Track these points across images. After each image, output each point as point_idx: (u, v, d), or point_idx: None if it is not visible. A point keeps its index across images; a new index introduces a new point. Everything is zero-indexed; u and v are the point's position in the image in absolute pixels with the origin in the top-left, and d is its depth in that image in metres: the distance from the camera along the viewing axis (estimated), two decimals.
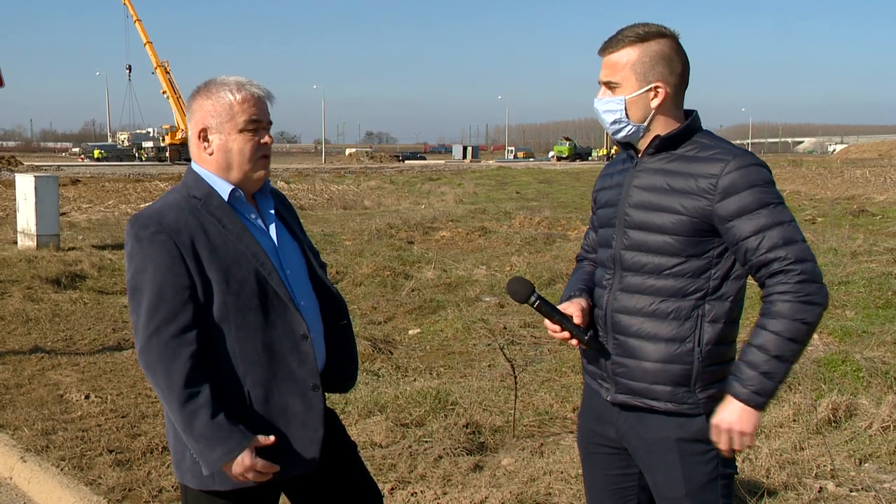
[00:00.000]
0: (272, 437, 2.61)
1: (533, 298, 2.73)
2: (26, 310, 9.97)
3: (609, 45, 2.67)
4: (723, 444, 2.58)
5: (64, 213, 20.94)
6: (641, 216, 2.66)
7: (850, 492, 4.71)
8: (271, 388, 2.66)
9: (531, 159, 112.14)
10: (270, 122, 2.75)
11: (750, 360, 2.51)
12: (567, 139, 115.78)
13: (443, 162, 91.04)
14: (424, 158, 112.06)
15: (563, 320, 2.71)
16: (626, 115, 2.66)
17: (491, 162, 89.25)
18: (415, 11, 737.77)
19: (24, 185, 15.69)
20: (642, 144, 2.71)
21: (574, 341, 2.75)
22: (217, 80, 2.72)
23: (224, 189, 2.69)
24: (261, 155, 2.71)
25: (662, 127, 2.67)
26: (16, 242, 15.69)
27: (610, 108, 2.68)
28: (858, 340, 7.98)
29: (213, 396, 2.54)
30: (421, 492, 4.79)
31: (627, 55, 2.63)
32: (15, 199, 16.36)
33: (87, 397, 6.67)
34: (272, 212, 2.82)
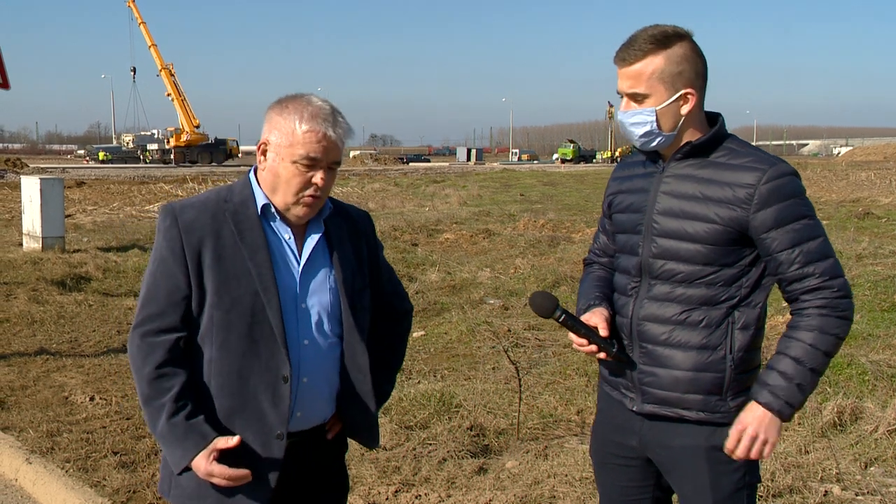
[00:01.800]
0: (236, 439, 2.46)
1: (558, 313, 2.65)
2: (31, 311, 9.99)
3: (627, 55, 2.54)
4: (742, 451, 2.52)
5: (69, 216, 20.94)
6: (672, 224, 2.58)
7: (856, 495, 4.70)
8: (233, 421, 2.51)
9: (535, 162, 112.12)
10: (337, 163, 2.53)
11: (783, 371, 2.48)
12: (571, 141, 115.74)
13: (447, 164, 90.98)
14: (429, 161, 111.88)
15: (590, 333, 2.64)
16: (658, 125, 2.55)
17: (495, 164, 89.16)
18: (419, 15, 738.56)
19: (30, 187, 15.71)
20: (669, 150, 2.63)
21: (602, 354, 2.68)
22: (300, 99, 2.52)
23: (261, 201, 2.54)
24: (307, 193, 2.49)
25: (691, 133, 2.59)
26: (21, 244, 15.72)
27: (639, 121, 2.57)
28: (864, 343, 7.98)
29: (179, 395, 2.44)
30: (425, 494, 4.79)
31: (652, 63, 2.51)
32: (20, 202, 16.38)
33: (91, 399, 6.67)
34: (317, 236, 2.60)
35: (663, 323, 2.60)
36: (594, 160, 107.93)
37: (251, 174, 2.61)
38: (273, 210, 2.55)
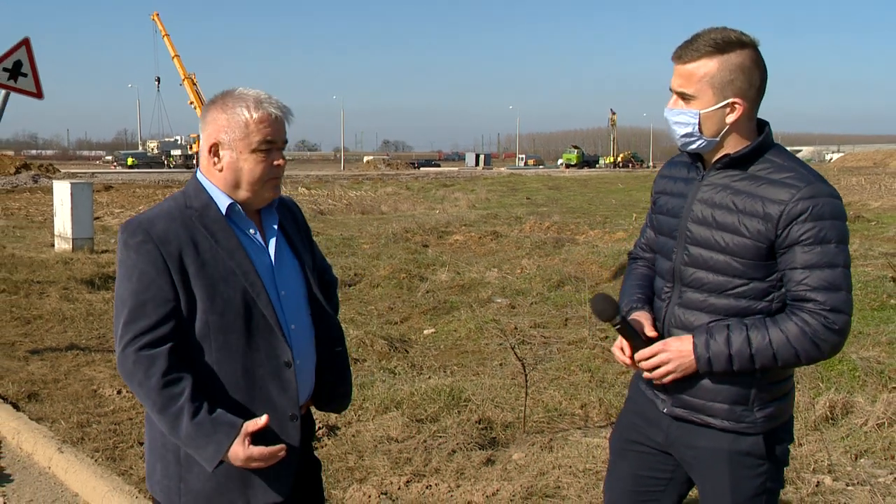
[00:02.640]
0: (264, 418, 2.41)
1: (618, 319, 2.53)
2: (63, 309, 10.02)
3: (685, 53, 2.43)
4: (647, 364, 2.51)
5: (97, 218, 21.02)
6: (704, 233, 2.49)
7: (847, 486, 4.69)
8: (247, 414, 2.44)
9: (541, 166, 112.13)
10: (285, 142, 2.53)
11: (731, 341, 2.40)
12: (575, 147, 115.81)
13: (456, 169, 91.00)
14: (439, 166, 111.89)
15: (641, 341, 2.55)
16: (700, 129, 2.45)
17: (502, 169, 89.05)
18: (430, 27, 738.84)
19: (61, 191, 15.79)
20: (711, 157, 2.53)
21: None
22: (235, 94, 2.48)
23: (223, 202, 2.48)
24: (271, 176, 2.49)
25: (735, 141, 2.47)
26: (53, 245, 15.77)
27: (682, 121, 2.47)
28: (855, 341, 7.95)
29: (193, 396, 2.37)
30: (435, 484, 4.78)
31: (705, 66, 2.40)
32: (52, 205, 16.45)
33: (118, 392, 6.69)
34: (275, 227, 2.60)
35: (692, 331, 2.52)
36: (597, 165, 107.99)
37: (199, 177, 2.54)
38: (238, 208, 2.51)
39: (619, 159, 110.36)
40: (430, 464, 5.09)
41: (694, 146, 2.51)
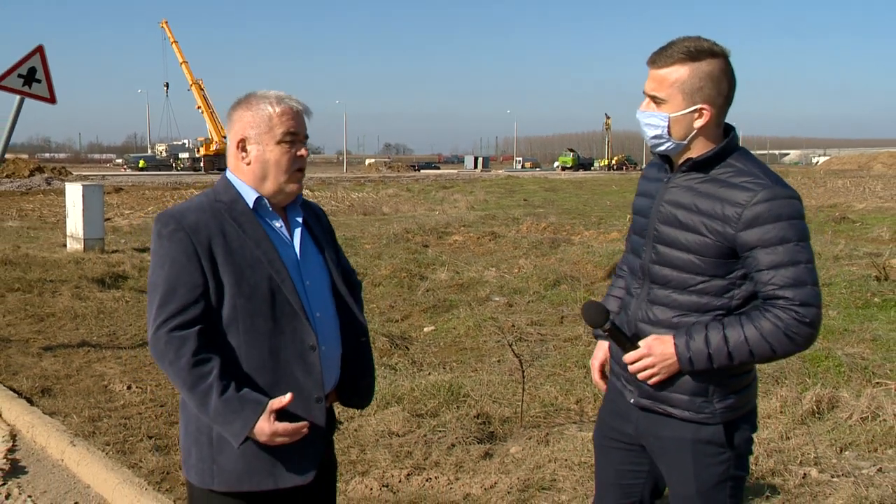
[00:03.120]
0: (288, 396, 2.47)
1: (607, 325, 2.60)
2: (74, 307, 10.03)
3: (659, 59, 2.49)
4: (635, 368, 2.56)
5: (108, 219, 21.01)
6: (669, 232, 2.54)
7: (832, 477, 4.70)
8: (273, 395, 2.49)
9: (537, 169, 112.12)
10: (307, 136, 2.63)
11: (709, 339, 2.44)
12: (571, 150, 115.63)
13: (455, 171, 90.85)
14: (439, 168, 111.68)
15: (633, 345, 2.59)
16: (669, 132, 2.51)
17: (500, 171, 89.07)
18: (430, 33, 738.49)
19: (73, 193, 15.80)
20: (678, 159, 2.58)
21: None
22: (257, 94, 2.61)
23: (250, 196, 2.58)
24: (296, 168, 2.59)
25: (701, 145, 2.52)
26: (65, 245, 15.76)
27: (652, 123, 2.53)
28: (840, 338, 7.97)
29: (221, 375, 2.43)
30: (435, 477, 4.79)
31: (677, 72, 2.45)
32: (65, 206, 16.46)
33: (129, 388, 6.70)
34: (299, 222, 2.67)
35: (656, 325, 2.58)
36: (592, 168, 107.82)
37: (229, 175, 2.65)
38: (264, 202, 2.59)
39: (614, 162, 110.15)
40: (429, 457, 5.10)
41: (662, 148, 2.57)
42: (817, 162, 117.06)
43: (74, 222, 15.53)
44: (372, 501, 4.50)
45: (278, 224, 2.63)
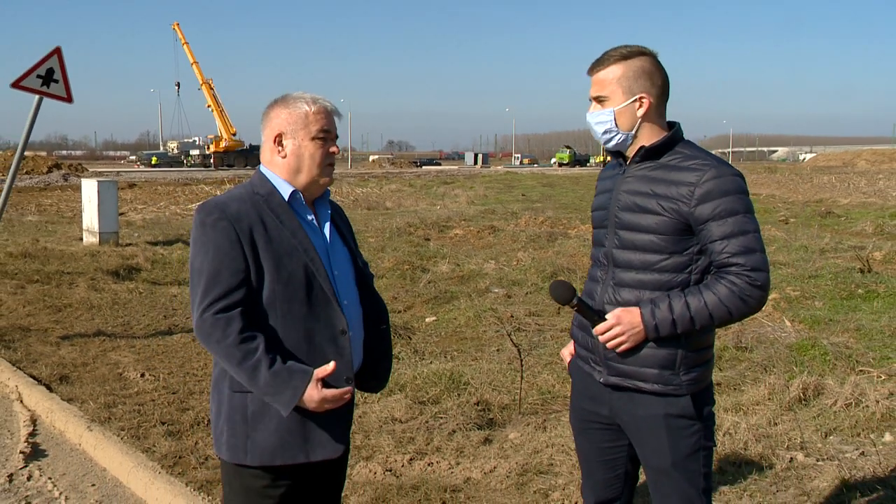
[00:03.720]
0: (331, 364, 2.56)
1: (574, 301, 2.68)
2: (90, 298, 10.04)
3: (596, 65, 2.67)
4: (605, 337, 2.62)
5: (122, 214, 21.02)
6: (629, 217, 2.65)
7: (817, 461, 4.70)
8: None
9: (535, 165, 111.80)
10: (338, 135, 2.72)
11: (672, 307, 2.54)
12: (567, 147, 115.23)
13: (456, 167, 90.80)
14: (440, 164, 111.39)
15: (599, 317, 2.66)
16: (616, 124, 2.65)
17: (499, 167, 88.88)
18: (433, 34, 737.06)
19: (89, 188, 15.82)
20: (630, 152, 2.70)
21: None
22: (294, 94, 2.69)
23: (286, 190, 2.64)
24: (328, 163, 2.68)
25: (648, 135, 2.66)
26: (81, 239, 15.78)
27: (601, 120, 2.68)
28: (826, 328, 7.97)
29: (268, 350, 2.50)
30: (437, 462, 4.80)
31: (613, 72, 2.63)
32: (81, 201, 16.46)
33: (142, 375, 6.71)
34: (328, 215, 2.76)
35: (624, 306, 2.64)
36: (588, 164, 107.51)
37: (263, 170, 2.71)
38: (299, 196, 2.66)
39: (608, 158, 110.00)
40: (431, 443, 5.11)
41: (613, 141, 2.70)
42: (804, 159, 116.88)
43: (90, 217, 15.54)
44: (376, 485, 4.51)
45: (310, 217, 2.70)
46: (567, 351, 3.04)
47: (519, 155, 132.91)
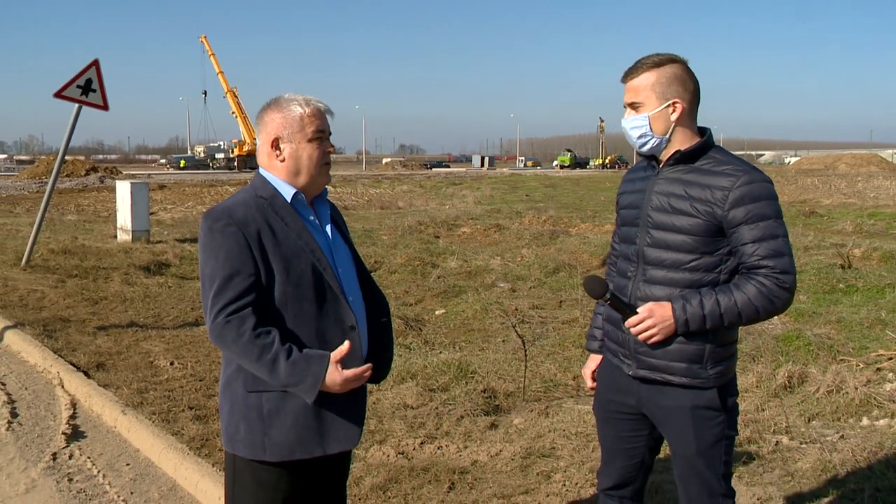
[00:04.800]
0: (346, 345, 2.47)
1: (608, 294, 2.63)
2: (124, 292, 10.09)
3: (630, 73, 2.62)
4: (637, 329, 2.58)
5: (153, 213, 21.08)
6: (662, 218, 2.60)
7: (801, 444, 4.69)
8: None
9: (538, 167, 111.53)
10: (331, 133, 2.63)
11: (703, 303, 2.50)
12: (569, 150, 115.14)
13: (464, 170, 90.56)
14: (448, 166, 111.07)
15: (633, 312, 2.61)
16: (651, 129, 2.60)
17: (504, 170, 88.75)
18: (441, 44, 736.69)
19: (122, 190, 15.87)
20: (664, 156, 2.65)
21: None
22: (285, 97, 2.59)
23: (287, 192, 2.54)
24: (325, 162, 2.58)
25: (681, 139, 2.61)
26: (116, 237, 15.84)
27: (636, 125, 2.61)
28: (809, 320, 7.94)
29: (283, 342, 2.41)
30: (446, 445, 4.80)
31: (647, 79, 2.58)
32: (115, 202, 16.53)
33: (171, 364, 6.73)
34: (328, 215, 2.67)
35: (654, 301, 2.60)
36: (588, 166, 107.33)
37: (263, 173, 2.60)
38: (301, 197, 2.57)
39: (608, 161, 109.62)
40: (441, 428, 5.11)
41: (649, 146, 2.64)
42: (789, 162, 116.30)
43: (124, 216, 15.60)
44: (389, 467, 4.52)
45: (311, 217, 2.61)
46: (588, 370, 3.01)
47: (523, 158, 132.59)
